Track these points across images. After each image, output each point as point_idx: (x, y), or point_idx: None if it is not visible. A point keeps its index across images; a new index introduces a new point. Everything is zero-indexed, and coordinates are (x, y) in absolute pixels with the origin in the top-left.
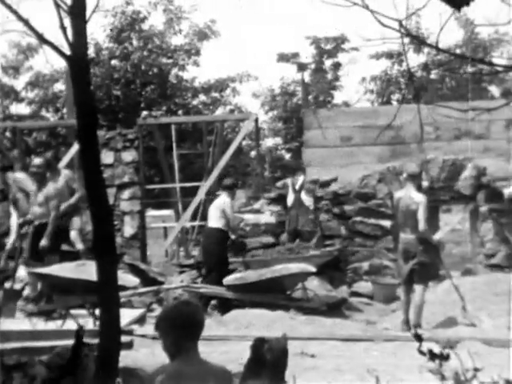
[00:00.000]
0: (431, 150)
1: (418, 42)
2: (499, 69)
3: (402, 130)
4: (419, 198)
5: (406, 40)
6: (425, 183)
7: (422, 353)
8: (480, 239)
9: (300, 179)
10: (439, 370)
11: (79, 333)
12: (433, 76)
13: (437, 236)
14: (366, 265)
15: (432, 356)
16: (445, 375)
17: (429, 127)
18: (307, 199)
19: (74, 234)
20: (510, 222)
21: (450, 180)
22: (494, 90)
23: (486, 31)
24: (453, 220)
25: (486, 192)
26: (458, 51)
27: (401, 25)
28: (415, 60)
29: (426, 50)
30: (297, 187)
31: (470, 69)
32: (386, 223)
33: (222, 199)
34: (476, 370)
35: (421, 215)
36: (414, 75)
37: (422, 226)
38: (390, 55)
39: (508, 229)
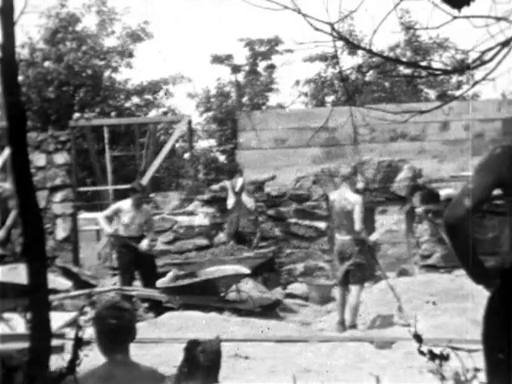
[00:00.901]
0: (366, 152)
1: (350, 45)
2: (437, 72)
3: (336, 131)
4: (354, 199)
5: (340, 43)
6: (360, 185)
7: (422, 353)
8: (416, 240)
9: (239, 181)
10: (439, 370)
11: (78, 331)
12: (368, 78)
13: (372, 237)
14: (300, 266)
15: (432, 356)
16: (445, 376)
17: (364, 129)
18: (248, 200)
19: None
20: None
21: (385, 181)
22: (431, 92)
23: (427, 34)
24: (388, 221)
25: (421, 193)
26: (398, 53)
27: (333, 28)
28: (350, 62)
29: (360, 52)
30: (237, 189)
31: (405, 71)
32: (321, 225)
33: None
34: (476, 370)
35: (357, 215)
36: (348, 77)
37: (357, 226)
38: (324, 58)
39: (443, 230)
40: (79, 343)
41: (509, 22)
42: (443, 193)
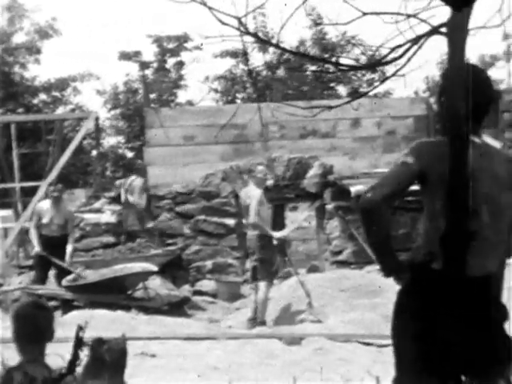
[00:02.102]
0: (276, 149)
1: (258, 40)
2: (345, 68)
3: (246, 128)
4: (253, 192)
5: (251, 39)
6: (269, 181)
7: None
8: (326, 236)
9: (137, 180)
10: None
11: (79, 332)
12: (279, 75)
13: (279, 233)
14: (209, 263)
15: None
16: None
17: (273, 126)
18: (136, 199)
19: None
20: (356, 219)
21: (295, 178)
22: (342, 89)
23: (336, 31)
24: (299, 217)
25: (332, 190)
26: (307, 50)
27: (240, 22)
28: (261, 59)
29: (271, 48)
30: (126, 187)
31: (313, 68)
32: (230, 221)
33: None
34: None
35: (252, 208)
36: (258, 74)
37: (251, 218)
38: (234, 54)
39: (354, 226)
40: (79, 344)
41: (418, 19)
42: (354, 189)
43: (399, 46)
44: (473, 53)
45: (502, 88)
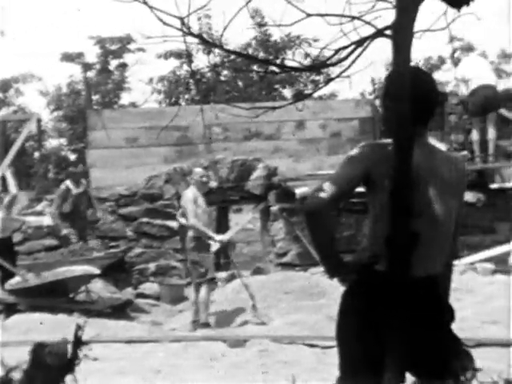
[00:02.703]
0: (220, 151)
1: (201, 41)
2: (288, 70)
3: (189, 130)
4: (187, 195)
5: (195, 40)
6: (213, 183)
7: None
8: (271, 238)
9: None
10: None
11: (78, 331)
12: (224, 76)
13: (220, 237)
14: (152, 266)
15: None
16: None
17: (217, 128)
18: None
19: None
20: (300, 221)
21: (240, 180)
22: (287, 91)
23: (280, 32)
24: (243, 220)
25: (276, 192)
26: (251, 52)
27: (182, 23)
28: (206, 60)
29: (217, 50)
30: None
31: (258, 69)
32: (173, 224)
33: None
34: (475, 370)
35: (189, 210)
36: (202, 76)
37: (189, 220)
38: (178, 55)
39: (299, 228)
40: (78, 343)
41: (363, 21)
42: (299, 191)
43: (344, 48)
44: (420, 55)
45: (448, 90)
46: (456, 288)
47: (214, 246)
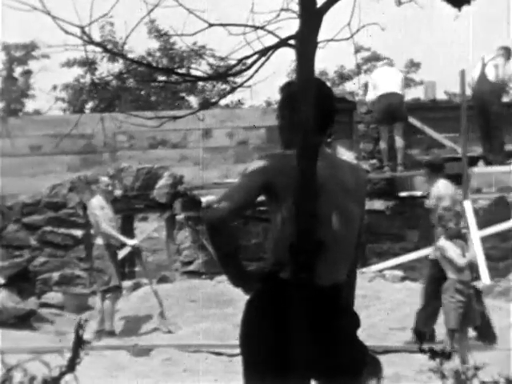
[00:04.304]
0: (125, 159)
1: (103, 49)
2: (190, 79)
3: (93, 138)
4: (93, 203)
5: (97, 48)
6: (118, 192)
7: (423, 351)
8: (177, 247)
9: None
10: (439, 369)
11: (79, 330)
12: (128, 85)
13: (132, 241)
14: (56, 275)
15: (433, 355)
16: (445, 374)
17: (123, 136)
18: None
19: None
20: None
21: (145, 188)
22: (193, 99)
23: (182, 42)
24: (148, 228)
25: (182, 200)
26: (155, 60)
27: (83, 32)
28: (110, 68)
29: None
30: None
31: (162, 78)
32: (78, 232)
33: None
34: (476, 368)
35: (96, 217)
36: (107, 84)
37: (100, 226)
38: (82, 63)
39: (205, 236)
40: (80, 342)
41: (266, 30)
42: (205, 200)
43: (247, 58)
44: (333, 64)
45: (357, 99)
46: (365, 295)
47: (121, 254)
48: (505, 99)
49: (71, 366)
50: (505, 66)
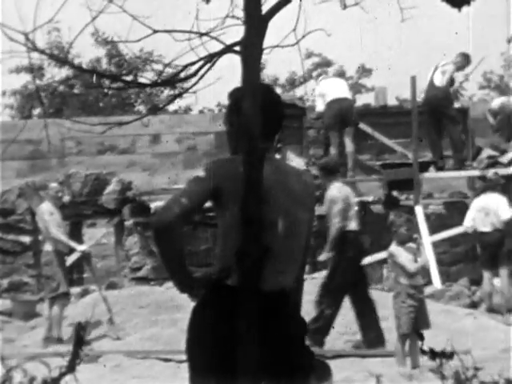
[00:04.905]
0: (74, 165)
1: (47, 56)
2: (132, 85)
3: (42, 144)
4: (43, 208)
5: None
6: (66, 198)
7: (423, 352)
8: (125, 253)
9: None
10: (439, 369)
11: (79, 331)
12: (76, 90)
13: (82, 247)
14: (4, 282)
15: (433, 355)
16: (445, 374)
17: (71, 142)
18: None
19: None
20: None
21: (93, 194)
22: (141, 106)
23: (129, 48)
24: (97, 234)
25: (131, 206)
26: (102, 67)
27: (27, 38)
28: (57, 74)
29: None
30: None
31: (110, 84)
32: (26, 239)
33: None
34: (476, 369)
35: (46, 223)
36: (55, 89)
37: (50, 232)
38: (30, 69)
39: (153, 242)
40: (80, 342)
41: (211, 37)
42: (154, 205)
43: (192, 64)
44: (284, 70)
45: (307, 105)
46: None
47: (69, 260)
48: (456, 105)
49: (71, 367)
50: (453, 72)
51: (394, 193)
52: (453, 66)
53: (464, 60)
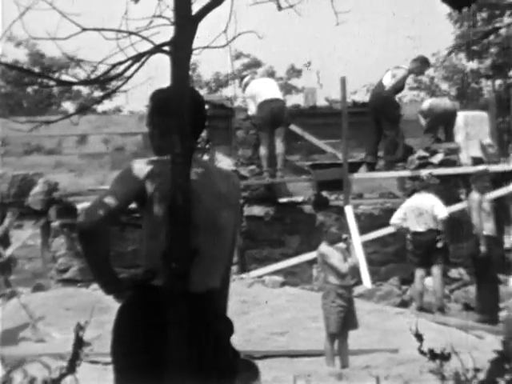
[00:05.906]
0: (0, 166)
1: None
2: (53, 84)
3: None
4: None
5: None
6: None
7: (422, 353)
8: (52, 254)
9: None
10: (439, 370)
11: (79, 331)
12: (3, 89)
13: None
14: None
15: (432, 356)
16: (445, 375)
17: None
18: None
19: None
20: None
21: (20, 195)
22: (70, 105)
23: (58, 46)
24: (23, 236)
25: (57, 207)
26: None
27: None
28: None
29: None
30: None
31: (34, 83)
32: None
33: None
34: (476, 370)
35: None
36: None
37: None
38: None
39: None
40: (80, 343)
41: (140, 36)
42: (80, 206)
43: (120, 63)
44: (209, 71)
45: (235, 106)
46: (244, 301)
47: None
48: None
49: (71, 368)
50: (403, 77)
51: (324, 193)
52: (404, 72)
53: (422, 65)
